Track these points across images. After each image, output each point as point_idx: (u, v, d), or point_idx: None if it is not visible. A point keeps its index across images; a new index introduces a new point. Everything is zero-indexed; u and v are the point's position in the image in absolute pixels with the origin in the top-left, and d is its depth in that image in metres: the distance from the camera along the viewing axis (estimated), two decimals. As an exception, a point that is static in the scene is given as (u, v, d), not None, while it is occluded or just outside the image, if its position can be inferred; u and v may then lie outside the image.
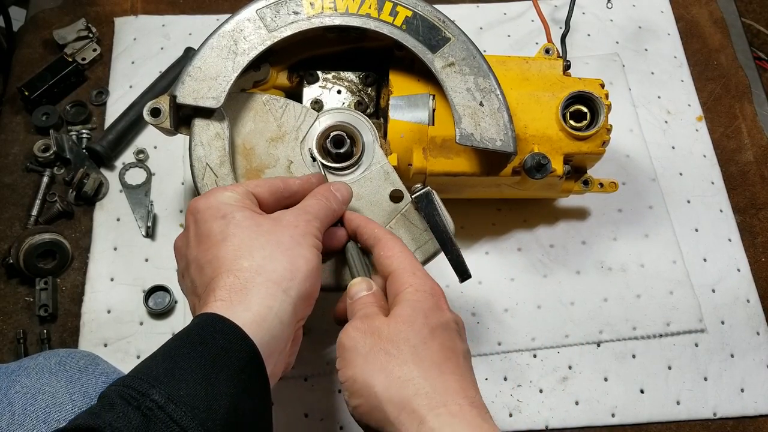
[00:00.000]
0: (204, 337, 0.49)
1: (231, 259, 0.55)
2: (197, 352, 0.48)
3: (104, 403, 0.45)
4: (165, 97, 0.72)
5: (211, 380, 0.47)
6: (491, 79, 0.75)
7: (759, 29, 1.51)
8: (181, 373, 0.47)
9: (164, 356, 0.49)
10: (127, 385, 0.46)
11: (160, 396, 0.45)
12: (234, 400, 0.48)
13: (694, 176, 1.00)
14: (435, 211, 0.69)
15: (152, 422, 0.44)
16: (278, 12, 0.74)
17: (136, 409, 0.44)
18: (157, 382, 0.46)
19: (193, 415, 0.45)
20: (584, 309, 0.90)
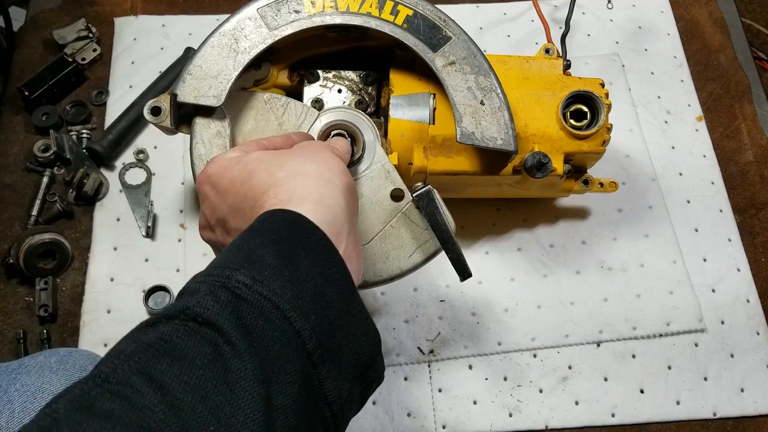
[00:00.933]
0: (273, 228, 0.49)
1: (266, 179, 0.54)
2: (271, 241, 0.47)
3: (186, 291, 0.44)
4: (166, 95, 0.72)
5: (292, 265, 0.46)
6: (492, 78, 0.75)
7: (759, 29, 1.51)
8: (261, 260, 0.46)
9: (237, 249, 0.47)
10: (208, 273, 0.45)
11: (245, 277, 0.44)
12: (318, 284, 0.47)
13: (694, 176, 1.00)
14: (436, 209, 0.69)
15: (242, 300, 0.43)
16: (279, 11, 0.74)
17: (223, 287, 0.43)
18: (239, 266, 0.45)
19: (282, 293, 0.44)
20: (584, 309, 0.90)
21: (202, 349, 0.40)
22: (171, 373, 0.38)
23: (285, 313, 0.43)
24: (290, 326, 0.43)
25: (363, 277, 0.71)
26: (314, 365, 0.44)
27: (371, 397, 0.83)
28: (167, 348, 0.39)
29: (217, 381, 0.38)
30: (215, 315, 0.41)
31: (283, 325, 0.43)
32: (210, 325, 0.41)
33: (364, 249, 0.71)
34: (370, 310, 0.88)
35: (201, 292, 0.43)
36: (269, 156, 0.57)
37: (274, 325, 0.42)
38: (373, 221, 0.72)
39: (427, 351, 0.87)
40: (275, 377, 0.41)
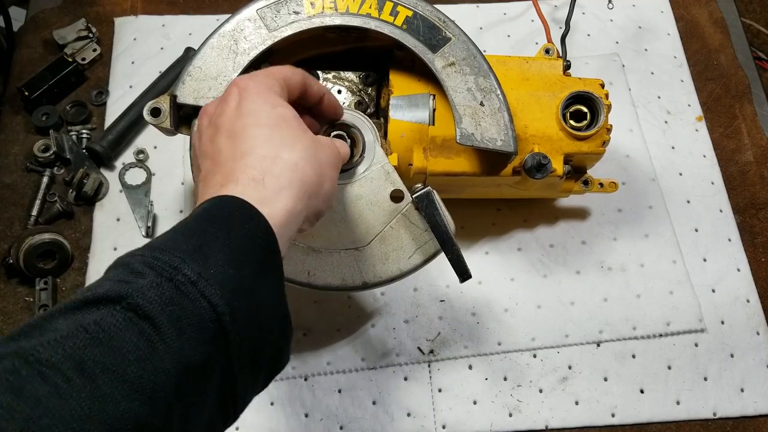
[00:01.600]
0: (231, 221, 0.49)
1: (266, 146, 0.54)
2: (224, 234, 0.47)
3: (131, 270, 0.44)
4: (165, 96, 0.72)
5: (238, 264, 0.47)
6: (492, 78, 0.75)
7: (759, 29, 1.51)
8: (210, 252, 0.46)
9: (190, 233, 0.47)
10: (155, 256, 0.45)
11: (191, 272, 0.44)
12: (257, 287, 0.48)
13: (694, 176, 1.00)
14: (435, 210, 0.69)
15: (184, 296, 0.43)
16: (278, 12, 0.74)
17: (169, 281, 0.43)
18: (188, 257, 0.45)
19: (222, 293, 0.44)
20: (584, 309, 0.90)
21: (138, 343, 0.40)
22: (103, 364, 0.38)
23: (221, 317, 0.44)
24: (222, 331, 0.44)
25: (363, 278, 0.71)
26: (231, 369, 0.45)
27: (371, 397, 0.84)
28: (103, 337, 0.39)
29: (146, 379, 0.39)
30: (157, 312, 0.42)
31: (216, 329, 0.44)
32: (149, 321, 0.41)
33: (364, 250, 0.71)
34: (370, 310, 0.89)
35: (146, 278, 0.43)
36: (295, 125, 0.56)
37: (207, 327, 0.44)
38: (372, 222, 0.72)
39: (427, 351, 0.87)
40: (194, 376, 0.42)
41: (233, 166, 0.53)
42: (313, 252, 0.71)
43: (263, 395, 0.83)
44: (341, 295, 0.89)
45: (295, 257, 0.71)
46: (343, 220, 0.72)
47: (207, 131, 0.59)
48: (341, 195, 0.72)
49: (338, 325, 0.88)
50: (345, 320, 0.88)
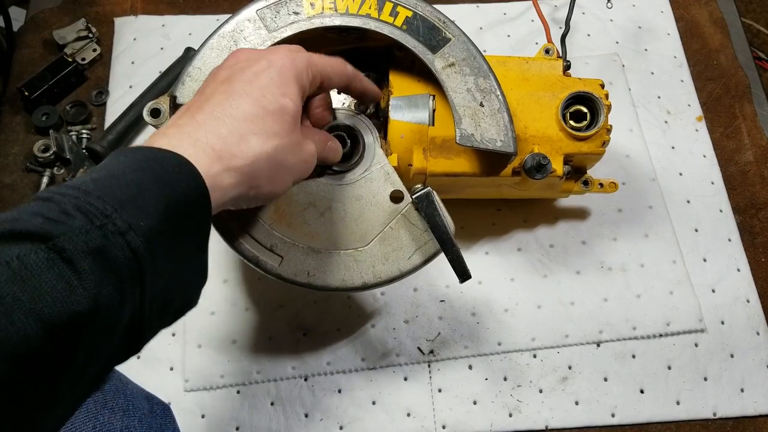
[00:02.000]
0: (170, 178, 0.49)
1: (245, 125, 0.55)
2: (159, 188, 0.47)
3: (62, 210, 0.44)
4: (165, 97, 0.72)
5: (169, 221, 0.47)
6: (491, 79, 0.75)
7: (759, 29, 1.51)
8: (144, 205, 0.46)
9: (127, 183, 0.47)
10: (89, 202, 0.45)
11: (122, 222, 0.44)
12: (182, 243, 0.49)
13: (694, 176, 1.00)
14: (435, 211, 0.69)
15: (110, 246, 0.43)
16: (278, 12, 0.74)
17: (99, 228, 0.43)
18: (120, 207, 0.45)
19: (147, 246, 0.45)
20: (584, 309, 0.90)
21: (56, 285, 0.41)
22: (21, 301, 0.39)
23: (143, 269, 0.45)
24: (140, 281, 0.45)
25: (363, 278, 0.71)
26: (141, 312, 0.46)
27: (371, 397, 0.84)
28: (24, 275, 0.40)
29: (59, 320, 0.40)
30: (81, 258, 0.42)
31: (135, 279, 0.45)
32: (72, 266, 0.42)
33: (364, 250, 0.71)
34: (370, 310, 0.89)
35: (76, 222, 0.43)
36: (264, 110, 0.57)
37: (127, 277, 0.44)
38: (372, 223, 0.72)
39: (427, 351, 0.87)
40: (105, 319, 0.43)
41: (206, 122, 0.54)
42: (313, 252, 0.71)
43: (263, 395, 0.84)
44: (341, 295, 0.90)
45: (295, 258, 0.71)
46: (342, 221, 0.72)
47: (223, 71, 0.60)
48: (341, 195, 0.72)
49: (338, 325, 0.88)
50: (345, 320, 0.88)
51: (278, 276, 0.71)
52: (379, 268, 0.71)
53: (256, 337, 0.87)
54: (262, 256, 0.70)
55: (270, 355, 0.86)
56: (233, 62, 0.60)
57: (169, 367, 0.86)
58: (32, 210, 0.44)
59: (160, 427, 0.66)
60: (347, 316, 0.88)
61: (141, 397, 0.65)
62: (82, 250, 0.42)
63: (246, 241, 0.70)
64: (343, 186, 0.72)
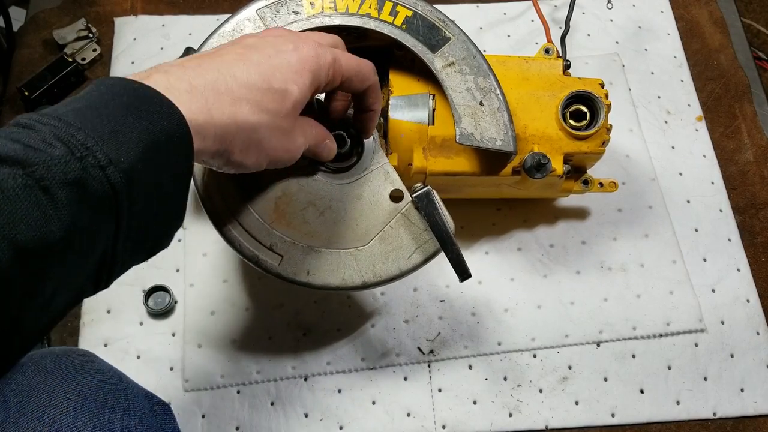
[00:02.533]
0: (151, 113, 0.49)
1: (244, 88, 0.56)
2: (142, 126, 0.47)
3: (42, 139, 0.44)
4: (165, 96, 0.72)
5: (149, 158, 0.47)
6: (491, 78, 0.75)
7: (759, 29, 1.51)
8: (124, 140, 0.46)
9: (109, 116, 0.47)
10: (71, 133, 0.45)
11: (103, 156, 0.44)
12: (161, 183, 0.49)
13: (693, 176, 1.00)
14: (435, 210, 0.69)
15: (89, 179, 0.44)
16: (278, 12, 0.74)
17: (79, 160, 0.44)
18: (102, 141, 0.45)
19: (126, 182, 0.45)
20: (584, 309, 0.90)
21: (31, 212, 0.41)
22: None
23: (120, 204, 0.45)
24: (116, 215, 0.46)
25: (363, 277, 0.71)
26: (114, 247, 0.47)
27: (371, 397, 0.84)
28: (1, 199, 0.40)
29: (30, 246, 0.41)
30: (58, 188, 0.42)
31: (111, 214, 0.45)
32: (48, 195, 0.42)
33: (364, 250, 0.71)
34: (370, 310, 0.89)
35: (56, 151, 0.43)
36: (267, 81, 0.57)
37: (103, 210, 0.45)
38: (372, 222, 0.72)
39: (427, 351, 0.87)
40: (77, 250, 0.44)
41: (208, 72, 0.54)
42: (313, 252, 0.71)
43: (263, 395, 0.84)
44: (341, 295, 0.90)
45: (295, 257, 0.71)
46: (342, 220, 0.72)
47: (251, 38, 0.61)
48: (341, 194, 0.72)
49: (338, 325, 0.88)
50: (345, 320, 0.88)
51: (278, 275, 0.71)
52: (379, 267, 0.71)
53: (256, 336, 0.87)
54: (261, 255, 0.70)
55: (270, 355, 0.86)
56: (265, 34, 0.61)
57: (169, 367, 0.86)
58: (12, 135, 0.44)
59: (161, 426, 0.65)
60: (347, 316, 0.88)
61: (141, 396, 0.65)
62: (61, 180, 0.42)
63: (246, 240, 0.70)
64: (343, 185, 0.72)
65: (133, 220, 0.47)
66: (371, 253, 0.71)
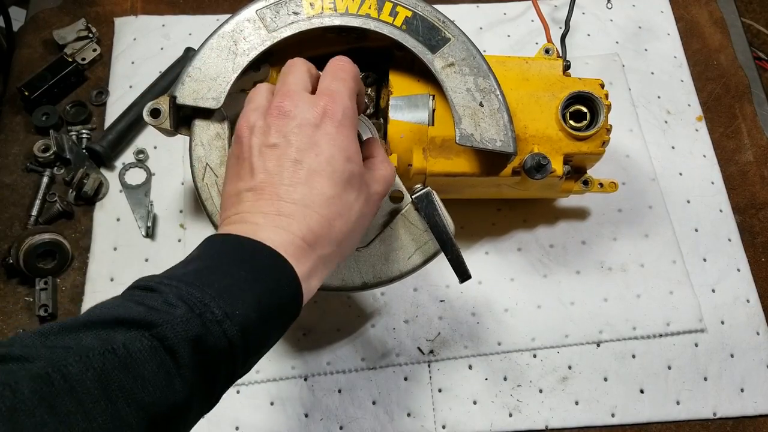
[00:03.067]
0: (264, 270, 0.50)
1: (325, 208, 0.55)
2: (257, 282, 0.49)
3: (165, 300, 0.45)
4: (165, 97, 0.72)
5: (261, 311, 0.49)
6: (491, 79, 0.75)
7: (759, 29, 1.51)
8: (238, 294, 0.48)
9: (221, 271, 0.49)
10: (190, 292, 0.46)
11: (219, 311, 0.46)
12: (271, 332, 0.51)
13: (693, 176, 1.00)
14: (435, 211, 0.69)
15: (209, 333, 0.45)
16: (278, 12, 0.74)
17: (198, 317, 0.45)
18: (218, 296, 0.47)
19: (242, 335, 0.47)
20: (584, 309, 0.90)
21: (158, 374, 0.42)
22: (125, 389, 0.40)
23: (235, 358, 0.47)
24: (232, 370, 0.48)
25: (363, 278, 0.71)
26: (220, 393, 0.50)
27: (371, 397, 0.84)
28: (129, 362, 0.41)
29: (157, 408, 0.42)
30: (182, 346, 0.44)
31: (229, 368, 0.47)
32: (172, 355, 0.43)
33: (364, 251, 0.71)
34: (370, 310, 0.89)
35: (178, 311, 0.45)
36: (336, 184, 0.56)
37: (221, 365, 0.47)
38: (372, 223, 0.72)
39: (427, 351, 0.87)
40: (197, 407, 0.46)
41: (294, 214, 0.54)
42: (313, 252, 0.71)
43: (263, 395, 0.84)
44: (341, 295, 0.90)
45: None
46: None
47: (270, 135, 0.58)
48: None
49: (338, 325, 0.88)
50: (345, 320, 0.88)
51: (278, 276, 0.71)
52: (380, 268, 0.71)
53: (256, 337, 0.87)
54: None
55: (270, 355, 0.86)
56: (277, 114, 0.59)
57: (169, 367, 0.86)
58: (136, 298, 0.46)
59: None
60: (347, 316, 0.88)
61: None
62: (183, 339, 0.44)
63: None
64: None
65: (245, 366, 0.49)
66: (371, 254, 0.71)
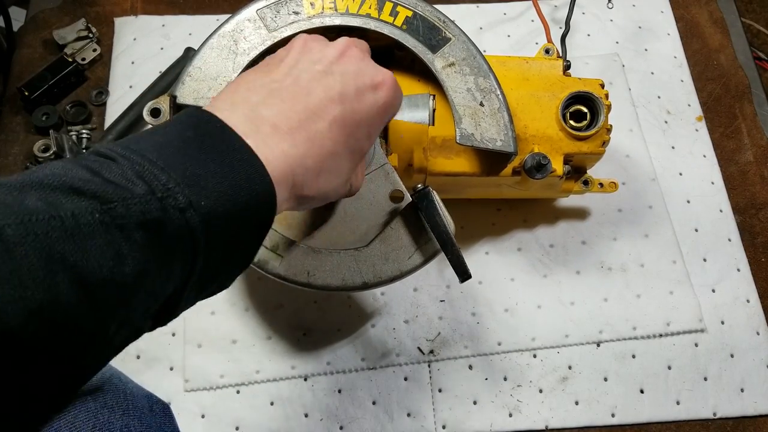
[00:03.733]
0: (233, 161, 0.48)
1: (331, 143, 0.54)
2: (225, 173, 0.46)
3: (123, 175, 0.43)
4: (165, 97, 0.72)
5: (230, 207, 0.46)
6: (491, 79, 0.75)
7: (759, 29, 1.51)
8: (205, 185, 0.45)
9: (190, 157, 0.46)
10: (152, 172, 0.44)
11: (183, 198, 0.43)
12: (239, 232, 0.48)
13: (693, 176, 1.00)
14: (435, 211, 0.69)
15: (168, 221, 0.42)
16: (278, 12, 0.74)
17: (159, 200, 0.42)
18: (183, 182, 0.44)
19: (204, 228, 0.44)
20: (584, 309, 0.90)
21: (106, 252, 0.40)
22: (68, 262, 0.38)
23: (196, 251, 0.44)
24: (192, 262, 0.44)
25: (363, 278, 0.71)
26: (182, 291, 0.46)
27: (371, 397, 0.84)
28: (76, 234, 0.39)
29: (101, 287, 0.40)
30: (135, 228, 0.41)
31: (186, 260, 0.44)
32: (125, 234, 0.41)
33: (364, 250, 0.71)
34: (370, 310, 0.89)
35: (137, 190, 0.42)
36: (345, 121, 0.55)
37: (178, 255, 0.44)
38: (372, 223, 0.72)
39: (427, 351, 0.87)
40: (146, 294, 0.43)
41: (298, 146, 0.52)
42: (313, 252, 0.71)
43: (263, 395, 0.84)
44: (341, 295, 0.90)
45: (296, 257, 0.71)
46: (342, 221, 0.72)
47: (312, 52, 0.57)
48: None
49: (338, 325, 0.88)
50: (345, 320, 0.88)
51: (278, 276, 0.71)
52: (380, 267, 0.71)
53: (256, 337, 0.87)
54: (262, 255, 0.70)
55: (270, 355, 0.86)
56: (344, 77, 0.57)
57: (169, 367, 0.86)
58: (92, 166, 0.43)
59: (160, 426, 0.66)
60: (347, 316, 0.88)
61: (141, 395, 0.65)
62: (139, 220, 0.41)
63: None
64: (343, 186, 0.72)
65: (206, 266, 0.46)
66: (371, 254, 0.71)
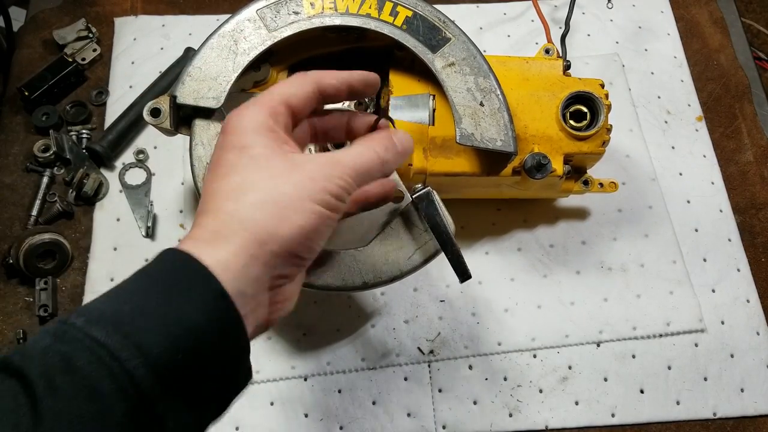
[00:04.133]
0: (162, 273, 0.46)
1: (221, 198, 0.50)
2: (155, 290, 0.45)
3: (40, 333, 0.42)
4: (165, 97, 0.72)
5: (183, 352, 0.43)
6: (491, 79, 0.75)
7: (759, 29, 1.51)
8: (141, 324, 0.43)
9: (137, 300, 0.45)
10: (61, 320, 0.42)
11: (77, 318, 0.41)
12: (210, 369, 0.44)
13: (693, 176, 1.00)
14: (435, 211, 0.69)
15: (67, 342, 0.40)
16: (278, 12, 0.74)
17: (51, 334, 0.41)
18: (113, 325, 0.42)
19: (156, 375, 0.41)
20: (584, 309, 0.90)
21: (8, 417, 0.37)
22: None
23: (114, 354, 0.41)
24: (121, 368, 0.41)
25: (363, 278, 0.71)
26: (151, 403, 0.42)
27: (371, 397, 0.84)
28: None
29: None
30: (27, 363, 0.39)
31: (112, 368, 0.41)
32: (18, 376, 0.39)
33: (364, 250, 0.71)
34: (370, 310, 0.89)
35: (40, 342, 0.41)
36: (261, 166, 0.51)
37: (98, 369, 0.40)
38: (372, 223, 0.72)
39: (427, 351, 0.87)
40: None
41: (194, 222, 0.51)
42: (313, 252, 0.71)
43: (263, 395, 0.84)
44: (341, 295, 0.90)
45: (295, 257, 0.71)
46: (343, 221, 0.72)
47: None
48: None
49: (338, 325, 0.88)
50: (345, 320, 0.88)
51: (278, 276, 0.71)
52: (380, 267, 0.71)
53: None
54: None
55: (270, 355, 0.86)
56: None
57: (169, 367, 0.86)
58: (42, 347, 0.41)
59: None
60: (347, 316, 0.88)
61: None
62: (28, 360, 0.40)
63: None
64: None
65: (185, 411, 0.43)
66: (372, 254, 0.71)
